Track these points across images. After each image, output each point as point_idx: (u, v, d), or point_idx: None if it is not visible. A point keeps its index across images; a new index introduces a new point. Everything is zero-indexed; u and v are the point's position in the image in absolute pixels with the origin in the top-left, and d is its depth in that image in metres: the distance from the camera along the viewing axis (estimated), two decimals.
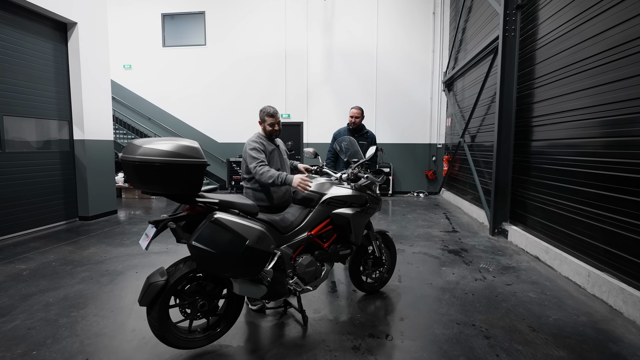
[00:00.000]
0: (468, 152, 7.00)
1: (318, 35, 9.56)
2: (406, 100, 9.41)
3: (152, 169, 1.79)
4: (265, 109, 2.89)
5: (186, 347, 2.16)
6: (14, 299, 3.05)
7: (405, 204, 8.05)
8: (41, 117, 5.50)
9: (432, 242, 4.86)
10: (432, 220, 6.29)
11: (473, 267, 3.87)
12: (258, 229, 2.02)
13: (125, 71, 10.43)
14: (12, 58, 5.00)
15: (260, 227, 2.04)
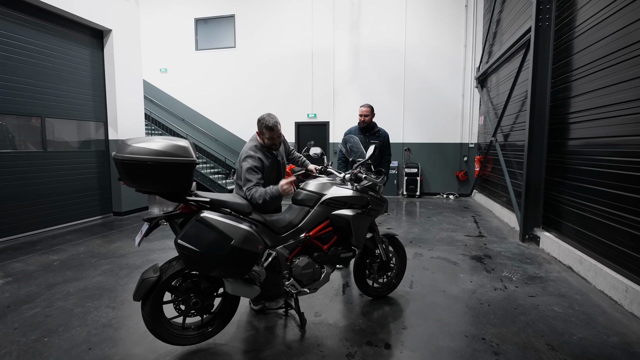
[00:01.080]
0: (500, 152, 6.56)
1: (345, 33, 9.45)
2: (436, 98, 9.04)
3: (140, 167, 1.82)
4: (264, 120, 2.54)
5: (178, 343, 2.19)
6: (40, 288, 3.28)
7: (432, 206, 7.72)
8: (79, 118, 5.92)
9: (454, 247, 4.60)
10: (458, 224, 5.97)
11: (494, 276, 3.59)
12: (244, 229, 1.99)
13: (162, 74, 10.97)
14: (53, 64, 5.41)
15: (248, 227, 2.02)
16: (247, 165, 2.47)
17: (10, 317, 2.70)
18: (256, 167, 2.48)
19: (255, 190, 2.39)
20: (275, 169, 2.74)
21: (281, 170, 2.83)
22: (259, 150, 2.59)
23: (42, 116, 5.29)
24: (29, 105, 5.10)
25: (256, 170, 2.47)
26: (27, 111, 5.10)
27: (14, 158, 4.96)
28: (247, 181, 2.43)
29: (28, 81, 5.06)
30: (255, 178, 2.44)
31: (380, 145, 3.95)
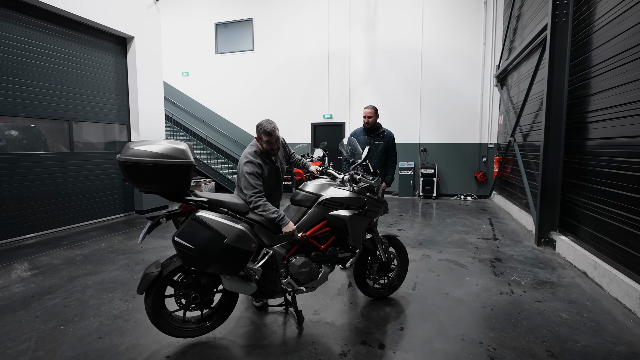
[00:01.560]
0: (518, 152, 6.36)
1: (361, 33, 9.44)
2: (453, 97, 8.85)
3: (140, 168, 1.95)
4: (263, 125, 2.55)
5: (178, 335, 2.30)
6: (62, 280, 3.52)
7: (448, 208, 7.58)
8: (103, 121, 6.26)
9: (464, 250, 4.52)
10: (472, 226, 5.84)
11: (502, 280, 3.51)
12: (237, 228, 2.07)
13: (184, 78, 11.37)
14: (79, 70, 5.76)
15: (241, 227, 2.10)
16: (248, 169, 2.48)
17: (33, 307, 2.93)
18: (258, 173, 2.49)
19: (265, 202, 2.40)
20: (275, 175, 2.75)
21: (280, 175, 2.82)
22: (258, 156, 2.60)
23: (70, 120, 5.64)
24: (57, 109, 5.45)
25: (257, 176, 2.48)
26: (56, 115, 5.45)
27: (45, 159, 5.32)
28: (252, 187, 2.42)
29: (57, 87, 5.41)
30: (259, 185, 2.45)
31: (386, 146, 3.95)
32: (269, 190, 2.68)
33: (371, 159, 3.91)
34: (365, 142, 3.92)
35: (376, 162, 3.91)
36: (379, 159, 3.93)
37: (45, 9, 5.12)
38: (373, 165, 3.90)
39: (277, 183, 2.81)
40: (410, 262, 4.01)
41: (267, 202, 2.43)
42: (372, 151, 2.73)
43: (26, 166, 5.04)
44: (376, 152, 3.92)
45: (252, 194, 2.41)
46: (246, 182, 2.44)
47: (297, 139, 10.15)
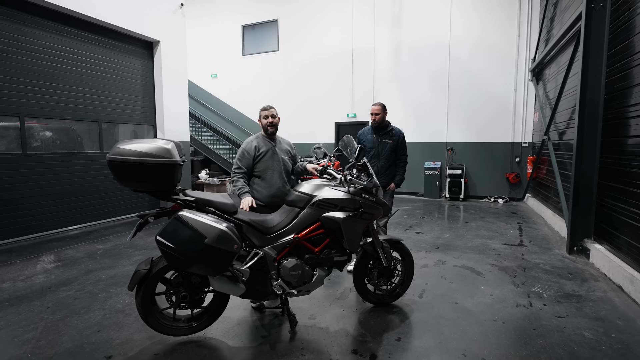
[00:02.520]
0: (552, 152, 5.86)
1: (385, 30, 9.20)
2: (484, 94, 8.36)
3: (123, 167, 1.97)
4: (262, 106, 3.01)
5: (168, 333, 2.31)
6: (80, 273, 3.70)
7: (475, 210, 7.17)
8: (131, 122, 6.57)
9: (484, 256, 4.22)
10: (498, 231, 5.46)
11: (521, 290, 3.22)
12: (218, 229, 2.03)
13: (212, 79, 11.70)
14: (108, 74, 6.08)
15: (223, 227, 2.05)
16: (241, 149, 2.87)
17: (47, 297, 3.09)
18: (246, 153, 2.83)
19: (238, 179, 2.80)
20: (268, 157, 2.86)
21: (275, 160, 2.90)
22: (257, 139, 2.91)
23: (99, 121, 5.98)
24: (88, 111, 5.79)
25: (242, 157, 2.83)
26: (87, 117, 5.79)
27: (77, 158, 5.67)
28: (236, 163, 2.84)
29: (87, 90, 5.75)
30: (242, 165, 2.81)
31: (395, 145, 3.78)
32: (262, 170, 2.86)
33: (379, 158, 3.76)
34: (373, 141, 3.77)
35: (384, 162, 3.75)
36: (387, 158, 3.76)
37: (77, 17, 5.45)
38: (380, 165, 3.76)
39: (272, 166, 2.88)
40: (423, 268, 3.81)
41: (240, 179, 2.78)
42: (364, 151, 2.58)
43: (59, 164, 5.40)
44: (384, 151, 3.76)
45: (233, 170, 2.84)
46: (235, 159, 2.86)
47: (320, 139, 10.09)
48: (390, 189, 3.78)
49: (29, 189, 5.04)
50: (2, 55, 4.67)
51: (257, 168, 2.90)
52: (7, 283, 3.42)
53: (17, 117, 4.88)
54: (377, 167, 3.72)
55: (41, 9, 5.04)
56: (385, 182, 3.73)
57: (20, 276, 3.60)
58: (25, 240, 4.88)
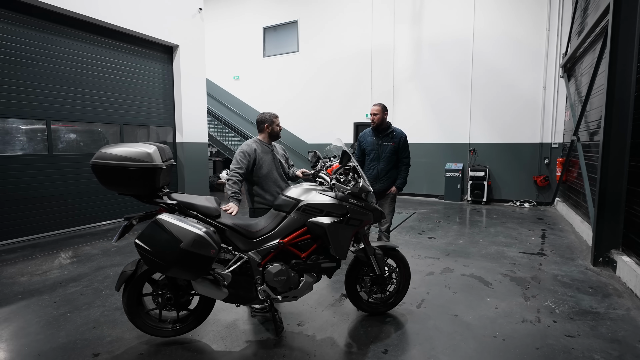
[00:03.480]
0: (581, 154, 5.43)
1: (405, 28, 8.95)
2: (510, 92, 7.91)
3: (105, 171, 2.01)
4: (269, 113, 3.05)
5: (153, 334, 2.35)
6: (91, 269, 3.87)
7: (497, 215, 6.80)
8: (151, 124, 6.82)
9: (497, 265, 3.97)
10: (518, 238, 5.13)
11: (531, 304, 2.99)
12: (194, 233, 2.03)
13: (235, 81, 11.93)
14: (130, 79, 6.34)
15: (200, 231, 2.04)
16: (240, 150, 2.88)
17: (56, 292, 3.26)
18: (247, 154, 2.84)
19: (230, 178, 2.79)
20: (269, 161, 2.95)
21: (276, 164, 3.01)
22: (255, 142, 2.95)
23: (121, 123, 6.25)
24: (110, 114, 6.07)
25: (243, 158, 2.83)
26: (109, 120, 6.07)
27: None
28: (234, 164, 2.84)
29: (110, 94, 6.03)
30: (242, 165, 2.81)
31: (396, 147, 3.64)
32: (263, 172, 2.93)
33: (379, 161, 3.65)
34: (373, 144, 3.66)
35: (384, 165, 3.63)
36: (388, 161, 3.64)
37: (101, 25, 5.72)
38: (380, 168, 3.65)
39: (275, 169, 2.98)
40: (428, 276, 3.65)
41: (234, 179, 2.76)
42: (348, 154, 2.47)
43: (83, 165, 5.69)
44: (384, 154, 3.64)
45: (232, 168, 2.82)
46: (234, 160, 2.86)
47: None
48: (392, 192, 3.65)
49: (54, 188, 5.36)
50: (30, 63, 4.99)
51: (259, 173, 2.90)
52: (25, 277, 3.64)
53: (44, 120, 5.20)
54: (377, 170, 3.60)
55: (66, 18, 5.34)
56: (385, 186, 3.61)
57: (37, 270, 3.82)
58: (50, 237, 5.19)
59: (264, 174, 2.92)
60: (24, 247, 4.66)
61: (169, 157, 2.33)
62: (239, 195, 2.77)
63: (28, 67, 4.98)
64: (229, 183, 2.79)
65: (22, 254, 4.40)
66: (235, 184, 2.79)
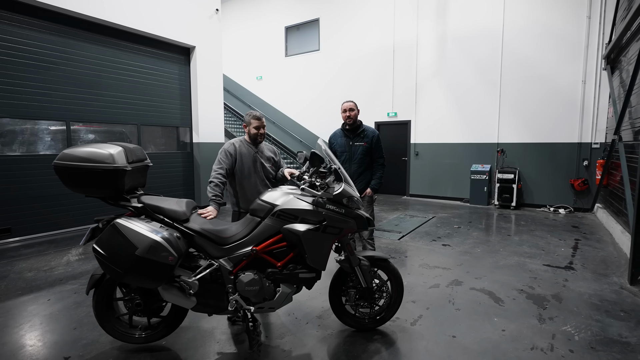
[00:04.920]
0: (622, 155, 4.81)
1: (429, 22, 8.50)
2: (544, 87, 7.25)
3: (66, 172, 1.96)
4: (251, 112, 2.90)
5: (123, 340, 2.28)
6: (93, 267, 3.89)
7: (525, 222, 6.23)
8: (168, 125, 6.95)
9: (514, 279, 3.56)
10: (546, 248, 4.63)
11: (547, 328, 2.61)
12: (151, 239, 1.91)
13: (258, 81, 11.99)
14: (147, 80, 6.49)
15: (158, 237, 1.93)
16: (221, 149, 2.80)
17: (54, 289, 3.32)
18: (229, 154, 2.77)
19: (212, 180, 2.68)
20: (250, 163, 2.83)
21: (258, 167, 2.89)
22: (239, 142, 2.85)
23: (138, 124, 6.42)
24: (128, 115, 6.24)
25: (225, 157, 2.75)
26: (127, 120, 6.25)
27: None
28: (216, 163, 2.75)
29: (127, 95, 6.20)
30: (223, 164, 2.73)
31: (368, 147, 3.40)
32: (242, 175, 2.83)
33: (350, 163, 3.42)
34: (344, 145, 3.44)
35: (356, 167, 3.39)
36: (360, 163, 3.39)
37: (119, 28, 5.90)
38: (352, 171, 3.42)
39: (255, 172, 2.86)
40: (432, 288, 3.35)
41: (216, 181, 2.65)
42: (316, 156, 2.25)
43: None
44: (356, 155, 3.40)
45: (213, 169, 2.73)
46: (216, 160, 2.78)
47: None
48: (367, 194, 3.38)
49: None
50: (51, 67, 5.22)
51: (239, 174, 2.83)
52: (32, 272, 3.77)
53: (63, 121, 5.43)
54: (349, 172, 3.38)
55: (86, 23, 5.54)
56: (359, 189, 3.36)
57: (45, 267, 3.95)
58: (67, 233, 5.40)
59: (244, 176, 2.81)
60: (41, 243, 4.87)
61: (140, 159, 2.26)
62: (220, 199, 2.65)
63: (49, 70, 5.21)
64: (210, 185, 2.68)
65: (38, 249, 4.60)
66: (217, 186, 2.68)
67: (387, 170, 3.95)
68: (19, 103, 4.95)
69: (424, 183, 8.93)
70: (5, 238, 4.92)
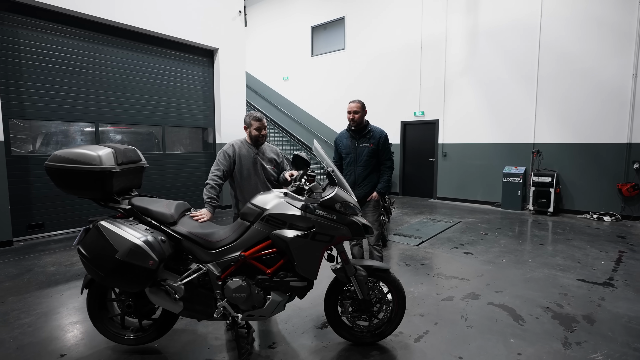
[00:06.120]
0: None
1: (459, 16, 8.05)
2: (587, 82, 6.60)
3: (55, 173, 1.98)
4: (252, 113, 2.86)
5: (115, 341, 2.28)
6: None
7: (563, 229, 5.69)
8: (192, 126, 7.12)
9: (541, 294, 3.21)
10: (583, 260, 4.17)
11: (572, 354, 2.30)
12: (131, 242, 1.87)
13: (284, 82, 12.04)
14: (171, 82, 6.68)
15: (138, 241, 1.89)
16: (220, 150, 2.79)
17: (69, 284, 3.45)
18: (228, 155, 2.74)
19: (208, 182, 2.66)
20: (250, 164, 2.79)
21: (258, 169, 2.84)
22: (239, 143, 2.82)
23: (162, 125, 6.62)
24: (153, 117, 6.45)
25: (223, 158, 2.73)
26: (152, 122, 6.46)
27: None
28: (214, 165, 2.75)
29: (152, 97, 6.41)
30: (220, 167, 2.71)
31: (375, 149, 3.18)
32: (241, 177, 2.81)
33: (355, 165, 3.22)
34: (349, 146, 3.25)
35: (362, 169, 3.20)
36: (365, 165, 3.19)
37: (144, 33, 6.11)
38: (358, 174, 3.23)
39: (255, 174, 2.81)
40: (445, 300, 3.10)
41: (212, 183, 2.63)
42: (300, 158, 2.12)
43: None
44: (361, 157, 3.19)
45: (211, 170, 2.71)
46: (215, 161, 2.77)
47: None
48: (373, 198, 3.17)
49: None
50: (81, 71, 5.50)
51: (239, 176, 2.79)
52: (54, 267, 3.97)
53: (92, 123, 5.71)
54: (354, 175, 3.18)
55: (113, 29, 5.78)
56: (365, 192, 3.16)
57: (67, 262, 4.14)
58: None
59: (243, 178, 2.76)
60: (70, 238, 5.13)
61: (132, 160, 2.25)
62: (215, 202, 2.61)
63: (79, 74, 5.49)
64: (206, 187, 2.65)
65: (65, 244, 4.85)
66: (213, 188, 2.64)
67: (413, 172, 3.74)
68: (52, 106, 5.26)
69: (452, 185, 8.48)
70: (39, 232, 5.25)
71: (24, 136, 5.16)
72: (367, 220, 3.16)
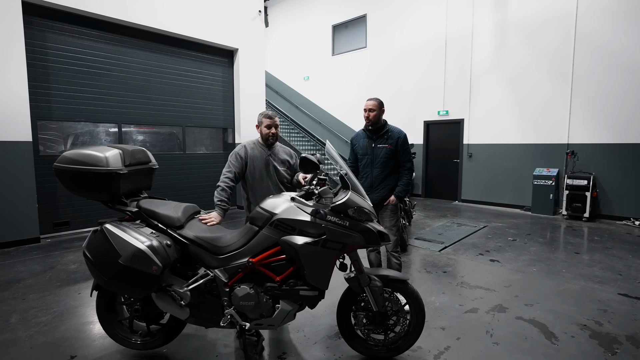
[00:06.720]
0: None
1: (486, 10, 7.68)
2: (627, 78, 6.10)
3: (62, 175, 1.96)
4: (263, 111, 2.80)
5: (122, 344, 2.24)
6: None
7: (600, 237, 5.27)
8: (212, 126, 7.16)
9: (577, 309, 2.94)
10: (623, 272, 3.82)
11: None
12: (134, 247, 1.81)
13: (305, 82, 11.97)
14: (192, 83, 6.74)
15: (141, 245, 1.82)
16: (232, 152, 2.73)
17: (87, 284, 3.49)
18: (239, 157, 2.68)
19: (219, 185, 2.62)
20: (262, 166, 2.71)
21: (271, 170, 2.75)
22: (251, 144, 2.75)
23: (183, 125, 6.69)
24: (174, 117, 6.53)
25: (235, 160, 2.67)
26: (173, 122, 6.54)
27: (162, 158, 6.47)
28: (226, 167, 2.70)
29: (173, 98, 6.49)
30: (232, 168, 2.65)
31: (393, 149, 3.00)
32: (253, 179, 2.74)
33: (372, 167, 3.05)
34: (366, 147, 3.07)
35: (379, 171, 3.02)
36: (383, 167, 3.00)
37: (165, 35, 6.19)
38: (374, 176, 3.06)
39: (267, 176, 2.74)
40: (469, 313, 2.89)
41: (223, 185, 2.59)
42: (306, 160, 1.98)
43: None
44: (378, 158, 3.01)
45: (222, 173, 2.66)
46: (226, 163, 2.70)
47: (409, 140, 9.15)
48: (391, 202, 2.99)
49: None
50: (105, 73, 5.63)
51: (251, 178, 2.71)
52: (75, 265, 4.05)
53: (116, 124, 5.84)
54: (371, 177, 3.02)
55: (135, 31, 5.89)
56: (382, 196, 2.99)
57: None
58: None
59: (255, 180, 2.68)
60: None
61: (141, 161, 2.20)
62: (226, 205, 2.54)
63: (103, 76, 5.62)
64: (217, 190, 2.59)
65: None
66: (224, 190, 2.58)
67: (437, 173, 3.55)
68: (77, 107, 5.40)
69: (477, 188, 8.11)
70: (65, 230, 5.42)
71: (53, 137, 5.34)
72: (384, 225, 3.02)
